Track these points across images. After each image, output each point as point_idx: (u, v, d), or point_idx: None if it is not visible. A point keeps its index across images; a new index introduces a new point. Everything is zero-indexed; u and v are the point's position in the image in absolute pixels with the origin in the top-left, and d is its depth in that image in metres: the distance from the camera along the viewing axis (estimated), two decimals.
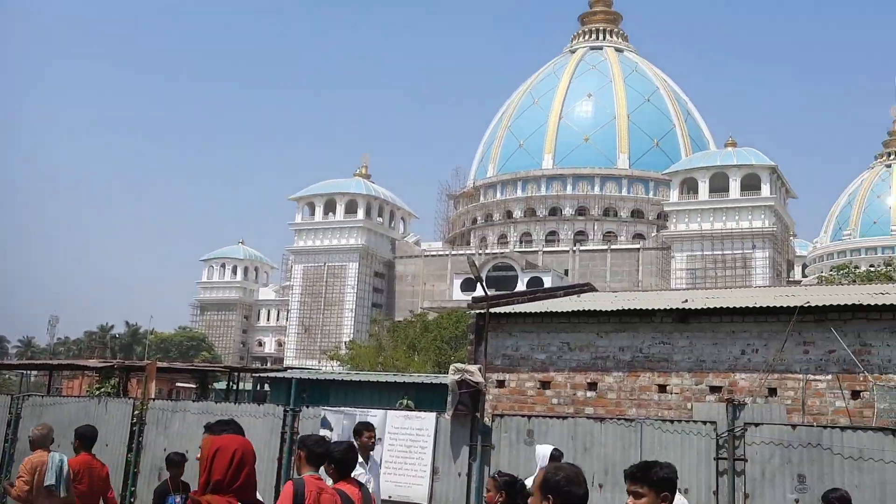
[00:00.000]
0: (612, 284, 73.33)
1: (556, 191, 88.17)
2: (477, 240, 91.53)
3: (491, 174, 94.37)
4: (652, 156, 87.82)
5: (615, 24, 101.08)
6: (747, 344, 12.84)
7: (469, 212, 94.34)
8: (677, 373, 13.16)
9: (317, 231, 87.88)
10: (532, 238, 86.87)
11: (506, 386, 14.35)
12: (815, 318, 12.35)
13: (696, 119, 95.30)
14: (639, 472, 4.08)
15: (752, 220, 72.67)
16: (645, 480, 4.05)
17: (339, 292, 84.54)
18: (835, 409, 11.95)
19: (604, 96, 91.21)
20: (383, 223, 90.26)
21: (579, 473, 3.87)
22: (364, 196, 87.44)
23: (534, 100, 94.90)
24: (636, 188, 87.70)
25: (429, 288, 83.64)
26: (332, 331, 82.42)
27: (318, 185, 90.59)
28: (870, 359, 11.94)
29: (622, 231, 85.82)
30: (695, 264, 72.92)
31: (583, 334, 14.01)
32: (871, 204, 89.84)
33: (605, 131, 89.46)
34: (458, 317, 47.88)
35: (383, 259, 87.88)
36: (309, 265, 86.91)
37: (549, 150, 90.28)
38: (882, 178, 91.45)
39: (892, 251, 79.58)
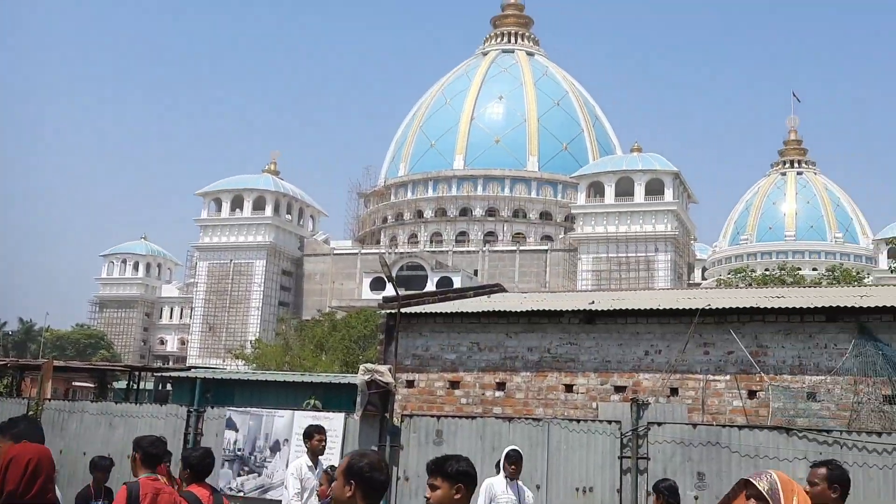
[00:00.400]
0: (520, 285, 74.27)
1: (466, 191, 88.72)
2: (387, 239, 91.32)
3: (402, 173, 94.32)
4: (561, 159, 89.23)
5: (527, 28, 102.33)
6: (651, 345, 13.16)
7: (379, 211, 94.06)
8: (583, 373, 13.39)
9: (223, 227, 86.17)
10: (442, 238, 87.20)
11: (415, 386, 14.35)
12: (715, 321, 12.75)
13: (603, 124, 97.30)
14: (434, 466, 4.22)
15: (656, 224, 74.64)
16: (440, 473, 4.17)
17: (246, 290, 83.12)
18: (732, 409, 12.36)
19: (515, 99, 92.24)
20: (292, 220, 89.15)
21: (382, 460, 4.00)
22: (273, 193, 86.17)
23: (446, 100, 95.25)
24: (545, 190, 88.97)
25: (338, 287, 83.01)
26: (237, 329, 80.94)
27: (225, 181, 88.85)
28: (765, 360, 12.40)
29: (531, 232, 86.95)
30: (600, 266, 74.45)
31: (492, 335, 14.12)
32: (767, 210, 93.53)
33: (515, 133, 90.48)
34: (367, 316, 47.67)
35: (291, 257, 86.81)
36: (214, 262, 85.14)
37: (461, 151, 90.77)
38: (778, 185, 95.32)
39: (786, 256, 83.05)
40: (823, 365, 12.04)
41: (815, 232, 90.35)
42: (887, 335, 11.83)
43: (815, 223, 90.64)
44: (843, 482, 4.77)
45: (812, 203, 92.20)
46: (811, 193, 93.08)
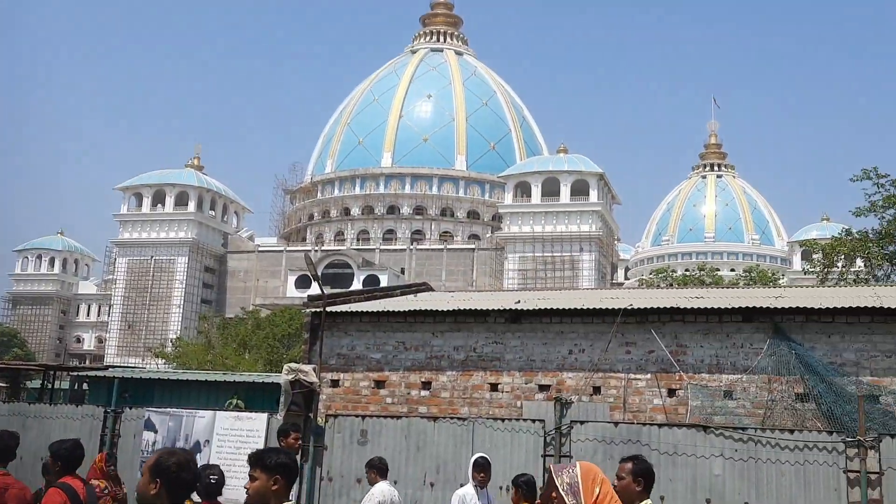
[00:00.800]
0: (447, 284, 74.45)
1: (394, 189, 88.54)
2: (313, 236, 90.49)
3: (329, 170, 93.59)
4: (488, 158, 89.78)
5: (456, 28, 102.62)
6: (574, 344, 13.33)
7: (306, 208, 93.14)
8: (508, 372, 13.49)
9: (144, 223, 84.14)
10: (369, 236, 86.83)
11: (340, 385, 14.24)
12: (637, 320, 12.98)
13: (530, 125, 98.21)
14: (254, 458, 4.35)
15: (581, 224, 75.71)
16: (259, 465, 4.29)
17: (167, 287, 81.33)
18: (653, 407, 12.61)
19: (443, 98, 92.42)
20: (216, 217, 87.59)
21: (191, 461, 4.11)
22: (196, 188, 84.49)
23: (374, 97, 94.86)
24: (473, 189, 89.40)
25: (262, 284, 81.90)
26: (157, 327, 79.14)
27: (146, 175, 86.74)
28: (685, 359, 12.68)
29: (458, 231, 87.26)
30: (526, 265, 75.17)
31: (418, 334, 14.11)
32: (688, 212, 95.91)
33: (443, 132, 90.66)
34: (291, 314, 47.14)
35: (215, 254, 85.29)
36: (134, 258, 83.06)
37: (389, 149, 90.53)
38: (698, 188, 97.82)
39: (705, 256, 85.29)
40: (740, 364, 12.37)
41: (734, 234, 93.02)
42: (800, 335, 12.22)
43: (734, 225, 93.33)
44: (646, 475, 5.09)
45: (731, 206, 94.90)
46: (730, 196, 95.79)
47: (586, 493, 4.09)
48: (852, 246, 32.18)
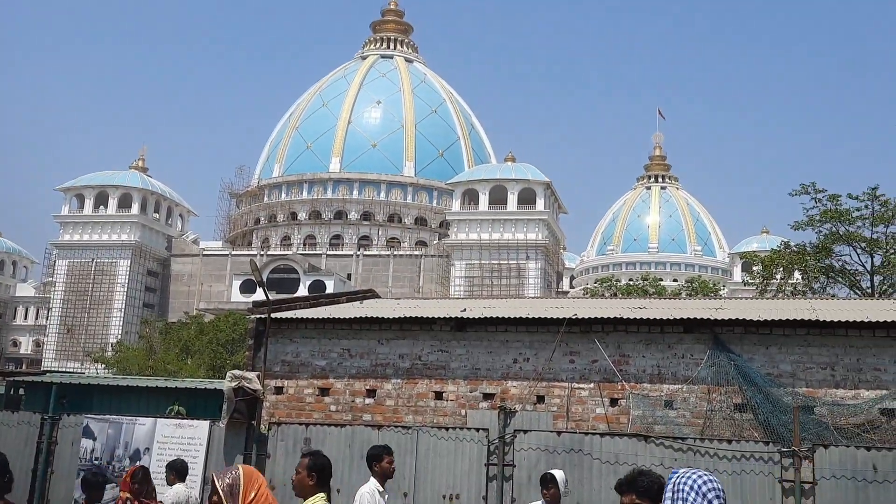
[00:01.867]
0: (394, 290, 74.34)
1: (342, 194, 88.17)
2: (259, 240, 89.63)
3: (277, 174, 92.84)
4: (437, 165, 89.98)
5: (406, 35, 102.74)
6: (519, 353, 13.44)
7: (252, 212, 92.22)
8: (454, 380, 13.53)
9: (86, 225, 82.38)
10: (316, 241, 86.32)
11: (284, 392, 14.14)
12: (581, 330, 13.14)
13: (479, 133, 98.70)
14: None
15: (527, 233, 76.24)
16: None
17: (108, 291, 79.71)
18: (595, 416, 12.77)
19: (392, 104, 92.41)
20: (160, 219, 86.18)
21: None
22: (140, 190, 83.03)
23: (323, 102, 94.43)
24: (421, 196, 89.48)
25: (206, 288, 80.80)
26: (98, 332, 77.52)
27: (89, 176, 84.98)
28: (627, 368, 12.87)
29: (406, 237, 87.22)
30: (473, 272, 75.43)
31: (364, 341, 14.08)
32: (633, 222, 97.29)
33: (392, 139, 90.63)
34: (235, 319, 46.63)
35: (158, 257, 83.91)
36: (75, 261, 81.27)
37: (337, 154, 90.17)
38: (643, 198, 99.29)
39: (649, 266, 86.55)
40: (680, 374, 12.60)
41: (677, 244, 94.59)
42: (739, 346, 12.50)
43: (677, 236, 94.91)
44: (320, 470, 5.55)
45: (674, 217, 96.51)
46: (673, 208, 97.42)
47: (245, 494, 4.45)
48: (791, 259, 33.03)
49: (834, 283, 33.20)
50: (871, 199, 32.31)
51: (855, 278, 32.65)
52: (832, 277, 32.97)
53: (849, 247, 32.67)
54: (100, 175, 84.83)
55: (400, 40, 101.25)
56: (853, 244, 32.40)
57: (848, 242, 32.37)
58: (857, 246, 32.40)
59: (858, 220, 32.26)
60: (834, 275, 32.89)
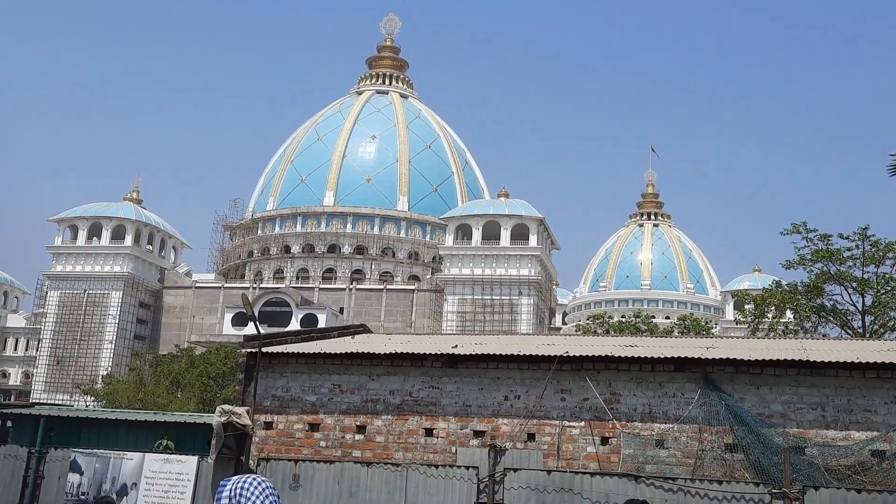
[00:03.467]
0: (386, 324, 74.16)
1: (335, 228, 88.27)
2: (252, 273, 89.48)
3: (271, 207, 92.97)
4: (430, 200, 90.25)
5: (401, 71, 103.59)
6: (510, 390, 13.41)
7: (245, 244, 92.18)
8: (444, 417, 13.48)
9: (78, 256, 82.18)
10: (309, 274, 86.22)
11: (274, 428, 14.06)
12: (572, 367, 13.13)
13: (472, 168, 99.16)
14: None
15: (520, 268, 76.30)
16: None
17: (99, 322, 79.31)
18: (586, 454, 12.71)
19: (387, 139, 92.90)
20: (153, 251, 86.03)
21: None
22: (133, 221, 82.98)
23: (318, 136, 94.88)
24: (414, 231, 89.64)
25: (198, 321, 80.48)
26: (88, 363, 77.01)
27: (83, 207, 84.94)
28: (618, 407, 12.85)
29: (399, 272, 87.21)
30: (465, 307, 75.35)
31: (354, 376, 14.04)
32: (625, 259, 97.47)
33: (386, 173, 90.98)
34: (227, 352, 46.42)
35: (151, 289, 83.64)
36: (67, 292, 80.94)
37: (332, 188, 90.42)
38: (635, 236, 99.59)
39: (642, 304, 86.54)
40: (671, 413, 12.58)
41: (669, 282, 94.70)
42: (730, 386, 12.50)
43: (669, 273, 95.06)
44: None
45: (666, 254, 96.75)
46: (666, 245, 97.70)
47: None
48: (782, 298, 33.13)
49: (825, 323, 33.28)
50: (861, 240, 32.51)
51: (846, 318, 32.75)
52: (823, 317, 33.07)
53: (840, 286, 32.82)
54: (94, 206, 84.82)
55: (395, 76, 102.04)
56: (844, 284, 32.54)
57: (839, 282, 32.51)
58: (849, 286, 32.54)
59: (849, 259, 32.44)
60: (825, 314, 32.98)
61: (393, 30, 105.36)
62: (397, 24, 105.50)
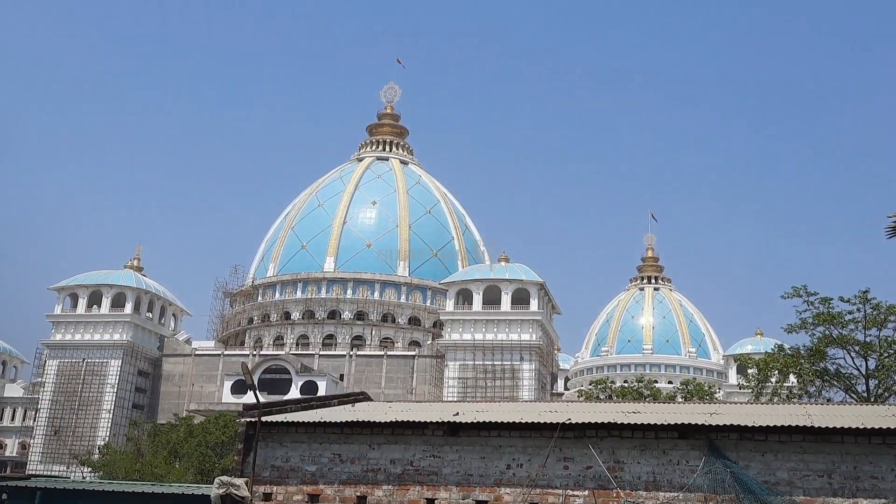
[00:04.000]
0: (386, 391, 73.66)
1: (336, 294, 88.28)
2: (252, 340, 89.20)
3: (271, 273, 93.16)
4: (431, 265, 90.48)
5: (402, 138, 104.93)
6: (513, 458, 13.25)
7: (245, 311, 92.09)
8: (446, 486, 13.30)
9: (78, 324, 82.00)
10: (309, 341, 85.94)
11: (273, 499, 13.86)
12: (575, 435, 13.00)
13: (473, 233, 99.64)
14: None
15: (521, 333, 76.01)
16: None
17: (98, 391, 78.72)
18: None
19: (387, 205, 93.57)
20: (153, 319, 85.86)
21: None
22: (133, 289, 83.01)
23: (319, 203, 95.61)
24: (414, 296, 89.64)
25: (197, 389, 79.90)
26: (85, 433, 76.21)
27: (83, 276, 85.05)
28: (622, 475, 12.67)
29: (399, 337, 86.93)
30: (467, 373, 74.88)
31: (355, 445, 13.89)
32: (627, 323, 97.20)
33: (387, 239, 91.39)
34: (226, 421, 46.01)
35: (150, 357, 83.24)
36: (65, 361, 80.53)
37: (332, 254, 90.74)
38: (636, 300, 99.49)
39: (644, 368, 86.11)
40: (676, 481, 12.40)
41: (671, 346, 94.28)
42: (734, 453, 12.35)
43: (671, 337, 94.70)
44: None
45: (668, 318, 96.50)
46: (667, 309, 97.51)
47: None
48: (785, 362, 32.96)
49: (829, 387, 33.04)
50: (862, 303, 32.48)
51: (850, 382, 32.53)
52: (827, 381, 32.84)
53: (843, 350, 32.67)
54: (94, 274, 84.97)
55: (396, 143, 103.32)
56: (847, 347, 32.41)
57: (841, 346, 32.39)
58: (851, 349, 32.41)
59: (851, 323, 32.36)
60: (829, 378, 32.77)
61: (393, 98, 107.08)
62: (397, 92, 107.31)
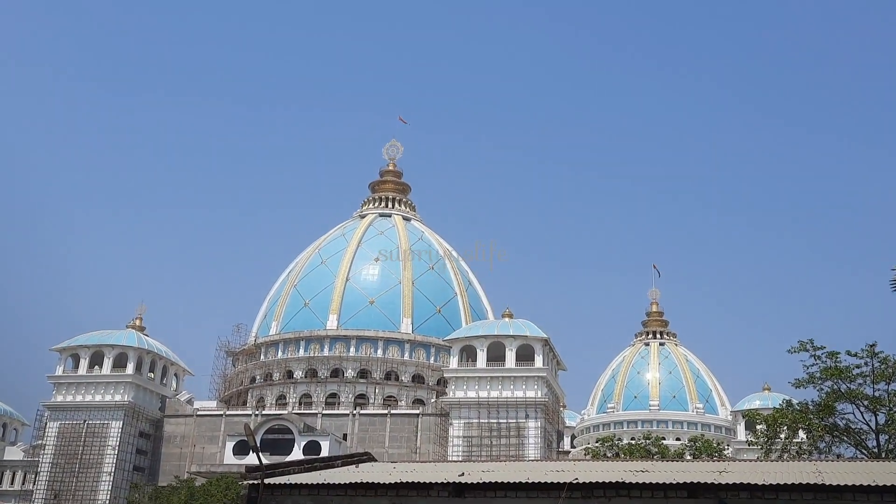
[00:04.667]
0: (390, 450, 72.82)
1: (339, 352, 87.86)
2: (254, 400, 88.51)
3: (274, 332, 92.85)
4: (434, 322, 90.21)
5: (404, 194, 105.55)
6: None
7: (248, 370, 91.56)
8: None
9: (79, 385, 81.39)
10: (312, 400, 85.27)
11: None
12: (583, 495, 12.77)
13: (476, 288, 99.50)
14: None
15: (526, 390, 75.32)
16: None
17: (98, 453, 77.81)
18: None
19: (390, 262, 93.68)
20: (154, 379, 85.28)
21: None
22: (136, 349, 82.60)
23: (322, 260, 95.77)
24: (418, 353, 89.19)
25: (199, 450, 78.98)
26: (85, 497, 75.12)
27: (85, 336, 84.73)
28: None
29: (403, 395, 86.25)
30: (472, 431, 74.04)
31: None
32: (633, 379, 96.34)
33: (390, 295, 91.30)
34: (227, 483, 45.48)
35: (151, 418, 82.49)
36: (66, 422, 79.77)
37: (335, 311, 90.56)
38: (642, 355, 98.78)
39: (651, 425, 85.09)
40: None
41: (678, 402, 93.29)
42: None
43: (678, 393, 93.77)
44: None
45: (674, 373, 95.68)
46: (673, 364, 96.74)
47: None
48: (794, 417, 32.58)
49: (839, 443, 32.59)
50: (870, 356, 32.21)
51: (860, 437, 32.10)
52: (837, 436, 32.42)
53: (851, 405, 32.31)
54: (96, 335, 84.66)
55: (398, 199, 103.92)
56: (856, 402, 32.05)
57: (850, 400, 32.04)
58: (860, 404, 32.05)
59: (859, 377, 32.07)
60: (839, 434, 32.35)
61: (395, 155, 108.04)
62: (399, 149, 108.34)
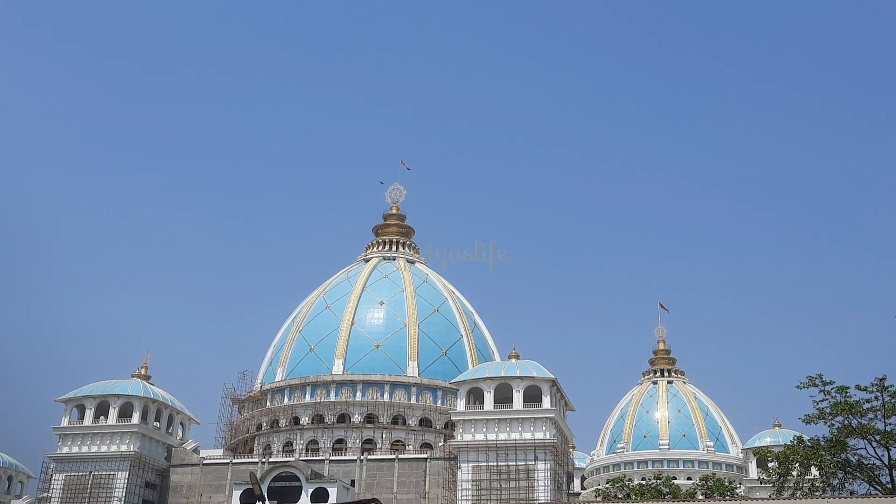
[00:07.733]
0: (398, 496, 72.03)
1: (345, 397, 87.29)
2: (261, 447, 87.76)
3: (279, 378, 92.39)
4: (440, 364, 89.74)
5: (408, 237, 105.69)
6: None
7: (254, 417, 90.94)
8: None
9: (84, 436, 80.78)
10: (319, 446, 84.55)
11: None
12: None
13: (481, 330, 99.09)
14: None
15: (535, 432, 74.51)
16: None
17: None
18: None
19: (395, 305, 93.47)
20: (160, 428, 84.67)
21: None
22: (141, 398, 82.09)
23: (327, 304, 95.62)
24: (425, 396, 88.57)
25: (205, 499, 78.11)
26: None
27: (90, 386, 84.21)
28: None
29: (410, 440, 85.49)
30: (480, 475, 73.16)
31: None
32: (642, 418, 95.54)
33: (395, 339, 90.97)
34: None
35: (157, 467, 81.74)
36: (72, 474, 79.05)
37: (340, 356, 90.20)
38: (650, 394, 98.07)
39: (661, 464, 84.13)
40: None
41: (688, 440, 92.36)
42: None
43: (687, 431, 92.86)
44: None
45: (683, 412, 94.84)
46: (682, 402, 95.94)
47: None
48: (805, 454, 32.14)
49: (852, 479, 32.06)
50: (880, 391, 31.87)
51: (873, 473, 31.60)
52: (849, 472, 31.91)
53: (863, 440, 31.88)
54: (101, 385, 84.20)
55: (402, 242, 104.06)
56: (868, 437, 31.62)
57: (862, 436, 31.62)
58: (872, 439, 31.61)
59: (870, 412, 31.68)
60: (851, 469, 31.85)
61: (398, 198, 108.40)
62: (402, 192, 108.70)
